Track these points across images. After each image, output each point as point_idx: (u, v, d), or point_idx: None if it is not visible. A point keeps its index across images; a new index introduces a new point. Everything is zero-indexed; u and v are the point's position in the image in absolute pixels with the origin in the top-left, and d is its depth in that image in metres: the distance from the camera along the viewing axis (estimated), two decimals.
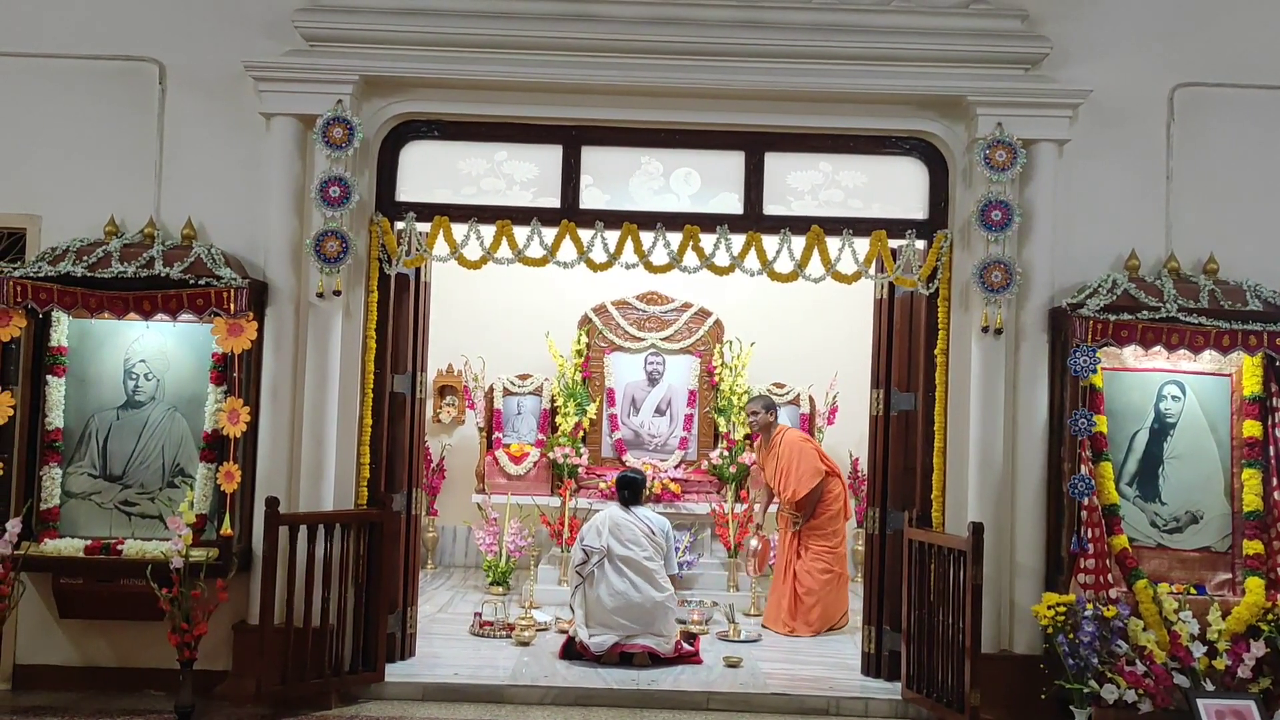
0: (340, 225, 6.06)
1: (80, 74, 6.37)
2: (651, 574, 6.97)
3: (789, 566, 7.98)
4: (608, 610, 6.84)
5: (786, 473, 7.99)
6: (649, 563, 6.99)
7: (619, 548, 6.99)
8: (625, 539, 7.03)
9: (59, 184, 6.34)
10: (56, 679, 6.22)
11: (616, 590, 6.87)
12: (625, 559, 6.96)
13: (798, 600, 7.86)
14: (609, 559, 6.96)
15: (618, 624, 6.82)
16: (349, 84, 6.13)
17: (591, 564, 6.97)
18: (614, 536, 7.03)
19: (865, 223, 6.38)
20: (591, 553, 7.00)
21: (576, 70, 6.22)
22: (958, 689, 5.73)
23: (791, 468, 7.96)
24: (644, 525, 7.13)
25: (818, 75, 6.25)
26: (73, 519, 6.17)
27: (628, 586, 6.89)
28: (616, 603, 6.84)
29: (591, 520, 7.32)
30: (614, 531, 7.05)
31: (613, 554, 6.97)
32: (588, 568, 6.98)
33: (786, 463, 8.01)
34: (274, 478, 6.08)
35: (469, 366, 10.04)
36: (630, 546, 7.00)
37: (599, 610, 6.87)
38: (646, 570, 6.96)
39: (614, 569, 6.94)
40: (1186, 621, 5.69)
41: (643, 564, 6.96)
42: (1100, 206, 6.32)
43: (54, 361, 6.16)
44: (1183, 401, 6.22)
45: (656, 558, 7.06)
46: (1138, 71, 6.35)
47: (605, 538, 7.03)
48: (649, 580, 6.95)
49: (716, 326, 9.80)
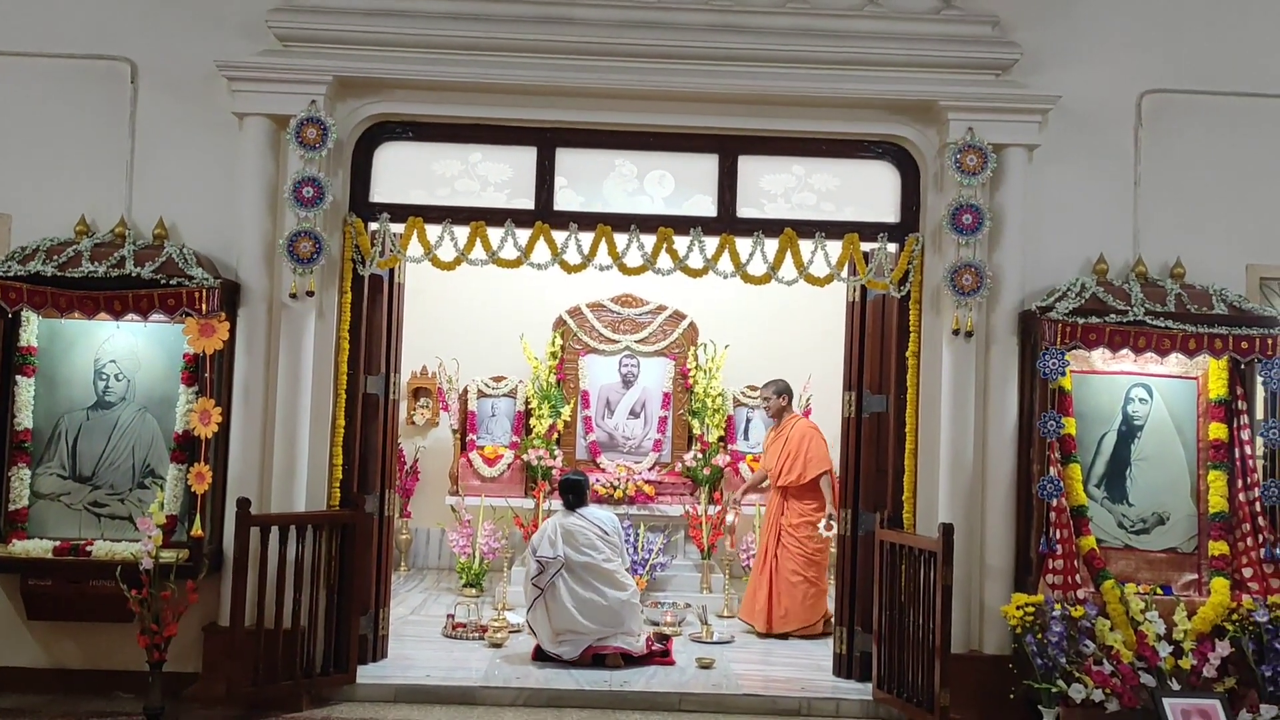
0: (314, 226, 6.04)
1: (52, 72, 6.33)
2: (612, 575, 6.95)
3: (768, 558, 7.94)
4: (576, 618, 6.79)
5: (794, 456, 7.93)
6: (608, 564, 6.97)
7: (576, 555, 6.93)
8: (580, 545, 6.97)
9: (29, 183, 6.30)
10: (24, 681, 6.16)
11: (583, 598, 6.82)
12: (585, 565, 6.91)
13: (772, 597, 7.86)
14: (568, 569, 6.90)
15: (588, 629, 6.79)
16: (323, 84, 6.12)
17: (550, 574, 6.88)
18: (568, 545, 6.96)
19: (838, 226, 6.41)
20: (548, 564, 6.91)
21: (551, 72, 6.23)
22: (928, 689, 5.78)
23: (800, 452, 7.91)
24: (596, 528, 7.07)
25: (791, 79, 6.29)
26: (41, 520, 6.12)
27: (593, 594, 6.84)
28: (585, 610, 6.80)
29: (541, 530, 7.19)
30: (567, 540, 6.97)
31: (571, 563, 6.90)
32: (545, 578, 6.88)
33: (795, 447, 7.95)
34: (246, 479, 6.06)
35: (443, 368, 10.03)
36: (587, 552, 6.95)
37: (566, 619, 6.80)
38: (606, 573, 6.94)
39: (576, 579, 6.87)
40: (1153, 621, 5.75)
41: (602, 567, 6.94)
42: (1069, 211, 6.40)
43: (23, 361, 6.12)
44: (1150, 404, 6.30)
45: (614, 558, 7.04)
46: (1107, 78, 6.42)
47: (560, 547, 6.94)
48: (611, 583, 6.93)
49: (691, 329, 9.83)
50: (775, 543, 7.97)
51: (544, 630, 6.90)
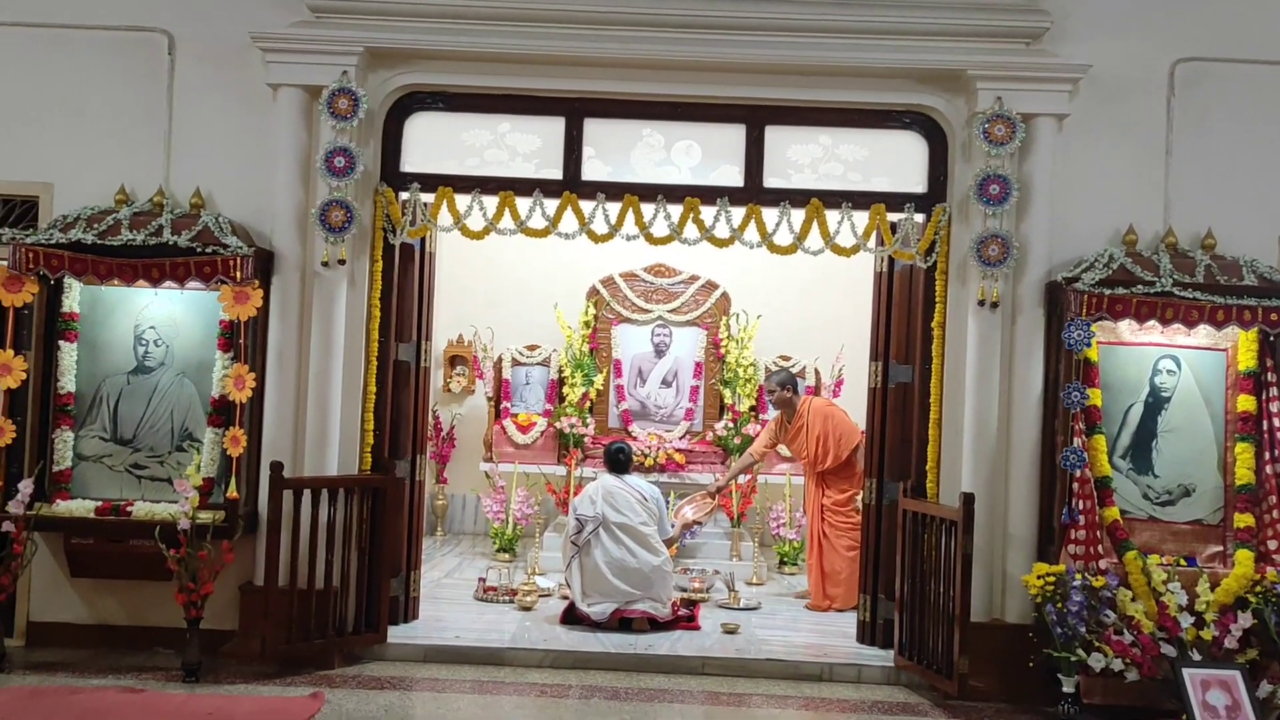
0: (345, 195, 6.15)
1: (92, 44, 6.47)
2: (647, 539, 7.09)
3: (817, 541, 7.91)
4: (606, 577, 6.95)
5: (824, 438, 7.83)
6: (644, 528, 7.11)
7: (614, 515, 7.11)
8: (620, 506, 7.15)
9: (71, 153, 6.46)
10: (68, 636, 6.39)
11: (614, 557, 6.99)
12: (621, 525, 7.08)
13: (825, 577, 7.83)
14: (605, 527, 7.07)
15: (618, 589, 6.93)
16: (354, 55, 6.20)
17: (587, 532, 7.07)
18: (608, 504, 7.15)
19: (864, 196, 6.42)
20: (586, 521, 7.11)
21: (579, 43, 6.27)
22: (948, 656, 5.84)
23: (827, 432, 7.83)
24: (636, 493, 7.25)
25: (819, 49, 6.28)
26: (84, 481, 6.32)
27: (624, 553, 7.00)
28: (615, 569, 6.96)
29: (584, 490, 7.44)
30: (608, 499, 7.17)
31: (608, 521, 7.08)
32: (583, 536, 7.08)
33: (821, 429, 7.86)
34: (279, 443, 6.21)
35: (478, 337, 10.15)
36: (625, 513, 7.12)
37: (597, 578, 6.98)
38: (642, 536, 7.08)
39: (610, 536, 7.05)
40: (1175, 592, 5.75)
41: (638, 529, 7.09)
42: (1099, 181, 6.35)
43: (66, 327, 6.30)
44: (1178, 376, 6.26)
45: (650, 523, 7.17)
46: (1138, 47, 6.35)
47: (600, 505, 7.14)
48: (645, 546, 7.06)
49: (723, 299, 9.87)
50: (821, 524, 7.91)
51: (577, 588, 7.06)
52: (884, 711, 5.84)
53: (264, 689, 5.77)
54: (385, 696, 5.72)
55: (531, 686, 6.00)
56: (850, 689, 6.20)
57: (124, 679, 5.83)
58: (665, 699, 5.88)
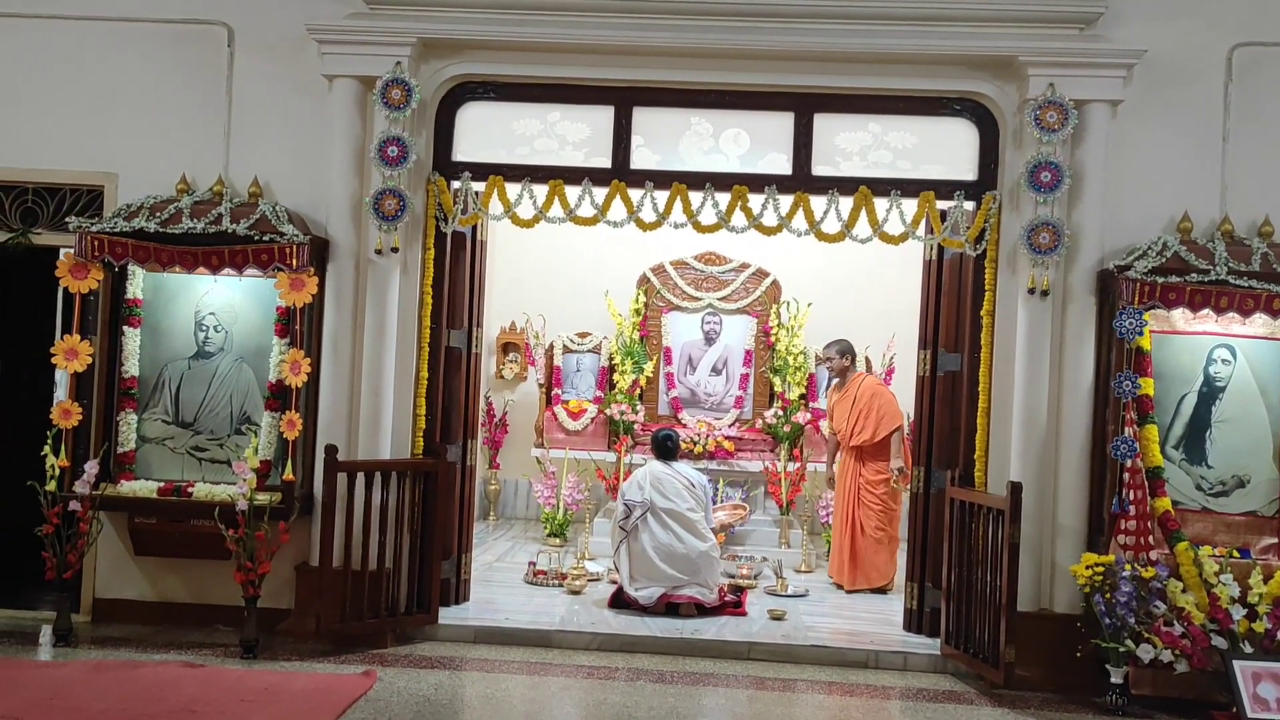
0: (398, 184, 6.26)
1: (154, 37, 6.65)
2: (694, 525, 7.15)
3: (851, 518, 7.99)
4: (654, 562, 7.02)
5: (866, 414, 7.92)
6: (691, 514, 7.17)
7: (662, 500, 7.17)
8: (667, 492, 7.22)
9: (135, 143, 6.64)
10: (132, 612, 6.60)
11: (661, 542, 7.06)
12: (669, 511, 7.14)
13: (855, 556, 7.94)
14: (653, 512, 7.14)
15: (665, 574, 7.00)
16: (407, 46, 6.30)
17: (635, 517, 7.15)
18: (656, 490, 7.22)
19: (913, 184, 6.41)
20: (634, 506, 7.18)
21: (628, 32, 6.32)
22: (994, 645, 5.83)
23: (872, 410, 7.91)
24: (683, 479, 7.31)
25: (868, 36, 6.27)
26: (147, 462, 6.52)
27: (672, 538, 7.07)
28: (662, 554, 7.03)
29: (632, 476, 7.52)
30: (655, 485, 7.24)
31: (656, 507, 7.15)
32: (631, 521, 7.16)
33: (865, 405, 7.94)
34: (334, 426, 6.35)
35: (530, 324, 10.26)
36: (673, 499, 7.19)
37: (644, 563, 7.06)
38: (689, 521, 7.14)
39: (658, 522, 7.12)
40: (1227, 584, 5.68)
41: (685, 515, 7.15)
42: (1153, 168, 6.28)
43: (130, 313, 6.49)
44: (1233, 365, 6.17)
45: (698, 509, 7.23)
46: (1195, 31, 6.26)
47: (648, 491, 7.21)
48: (692, 531, 7.12)
49: (774, 287, 9.87)
50: (855, 503, 7.98)
51: (625, 572, 7.15)
52: (930, 699, 5.84)
53: (318, 666, 5.91)
54: (436, 675, 5.84)
55: (579, 668, 6.08)
56: (896, 676, 6.21)
57: (185, 654, 6.01)
58: (711, 683, 5.94)
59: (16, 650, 6.06)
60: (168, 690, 5.36)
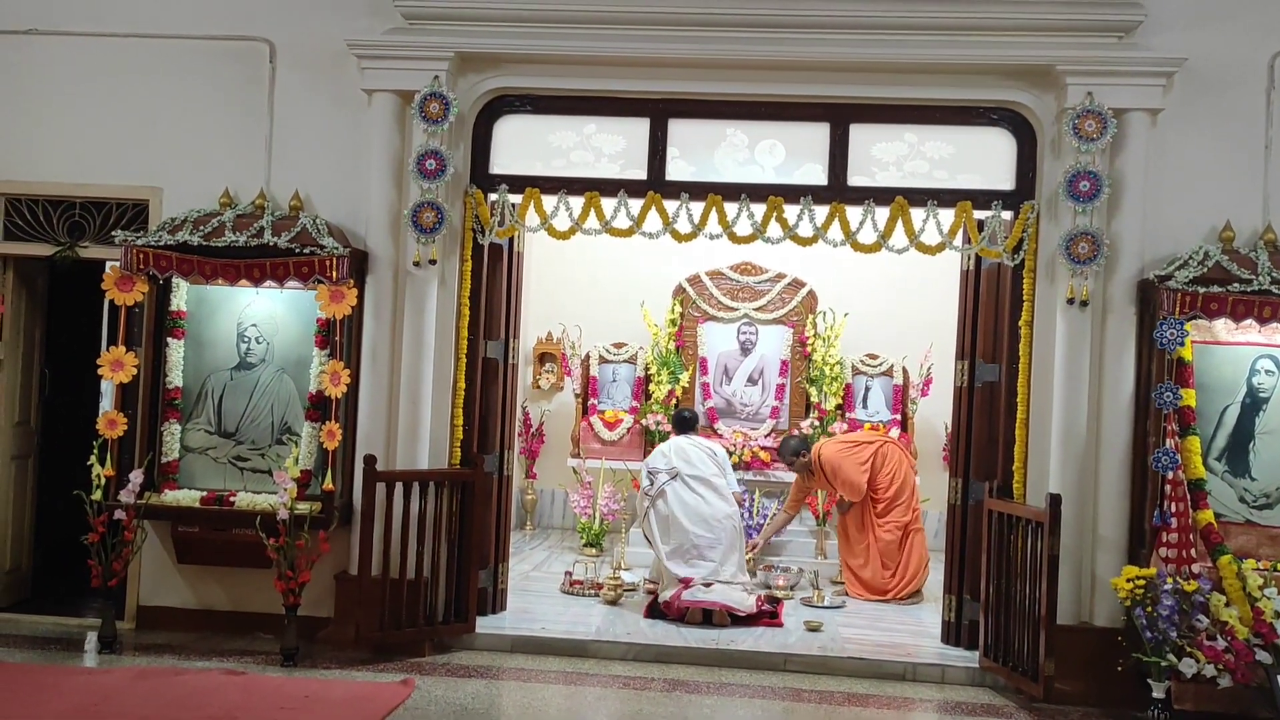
0: (436, 197, 6.32)
1: (198, 54, 6.76)
2: (719, 489, 7.48)
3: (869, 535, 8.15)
4: (682, 524, 7.24)
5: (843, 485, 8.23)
6: (715, 479, 7.50)
7: (686, 467, 7.49)
8: (691, 459, 7.57)
9: (178, 158, 6.75)
10: (175, 620, 6.69)
11: (688, 504, 7.32)
12: (694, 476, 7.45)
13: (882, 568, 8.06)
14: (679, 477, 7.40)
15: (694, 537, 7.19)
16: (445, 60, 6.37)
17: (660, 483, 7.40)
18: (680, 458, 7.52)
19: (950, 194, 6.38)
20: (658, 473, 7.46)
21: (663, 44, 6.35)
22: (1034, 659, 5.78)
23: (836, 483, 8.24)
24: (705, 448, 7.69)
25: (904, 46, 6.26)
26: (190, 472, 6.61)
27: (698, 500, 7.36)
28: (691, 516, 7.27)
29: (655, 450, 7.84)
30: (680, 454, 7.56)
31: (681, 473, 7.43)
32: (656, 486, 7.41)
33: (831, 478, 8.26)
34: (373, 437, 6.41)
35: (567, 335, 10.30)
36: (697, 465, 7.54)
37: (673, 528, 7.27)
38: (714, 485, 7.47)
39: (684, 485, 7.41)
40: (1271, 598, 5.61)
41: (710, 480, 7.49)
42: (1194, 177, 6.21)
43: (173, 325, 6.59)
44: (1277, 376, 6.09)
45: (721, 475, 7.52)
46: (1235, 38, 6.20)
47: (673, 459, 7.50)
48: (718, 494, 7.45)
49: (810, 297, 9.85)
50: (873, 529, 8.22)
51: (660, 549, 7.34)
52: (968, 713, 5.80)
53: (357, 674, 5.97)
54: (473, 684, 5.88)
55: (615, 678, 6.10)
56: (934, 689, 6.17)
57: (226, 662, 6.09)
58: (746, 694, 5.93)
59: (64, 656, 6.16)
60: (209, 697, 5.43)
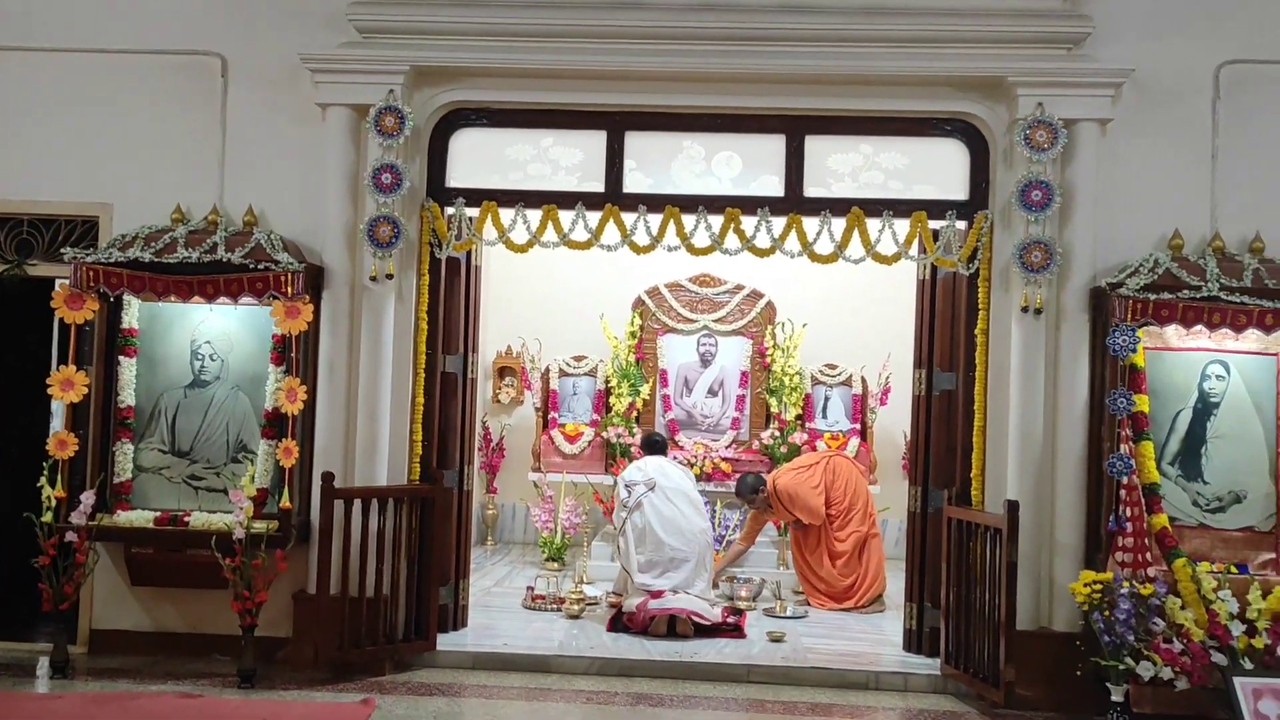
0: (392, 211, 6.28)
1: (148, 68, 6.68)
2: (696, 503, 7.49)
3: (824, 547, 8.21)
4: (657, 534, 7.21)
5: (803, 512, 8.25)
6: (693, 493, 7.55)
7: (664, 479, 7.47)
8: (669, 473, 7.58)
9: (130, 174, 6.66)
10: (129, 643, 6.57)
11: (665, 515, 7.29)
12: (673, 488, 7.44)
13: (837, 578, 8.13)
14: (657, 489, 7.38)
15: (669, 550, 7.15)
16: (400, 74, 6.34)
17: (638, 494, 7.36)
18: (658, 472, 7.52)
19: (906, 204, 6.44)
20: (635, 485, 7.42)
21: (620, 57, 6.36)
22: (994, 664, 5.82)
23: (795, 509, 8.26)
24: (679, 467, 7.84)
25: (858, 58, 6.31)
26: (144, 492, 6.50)
27: (675, 512, 7.33)
28: (667, 527, 7.25)
29: (630, 465, 7.85)
30: (657, 468, 7.58)
31: (658, 485, 7.40)
32: (633, 498, 7.36)
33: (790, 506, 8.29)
34: (330, 454, 6.34)
35: (526, 348, 10.27)
36: (675, 479, 7.55)
37: (649, 539, 7.23)
38: (691, 499, 7.49)
39: (663, 497, 7.38)
40: (1225, 600, 5.68)
41: (688, 493, 7.51)
42: (1144, 186, 6.31)
43: (125, 343, 6.49)
44: (1227, 381, 6.19)
45: (693, 491, 7.55)
46: (1183, 49, 6.31)
47: (650, 472, 7.49)
48: (695, 508, 7.45)
49: (769, 308, 9.89)
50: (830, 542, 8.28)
51: (632, 561, 7.26)
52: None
53: (317, 695, 5.89)
54: (435, 703, 5.82)
55: (578, 694, 6.06)
56: (897, 697, 6.19)
57: (182, 685, 5.98)
58: (710, 706, 5.92)
59: (14, 683, 6.03)
60: None
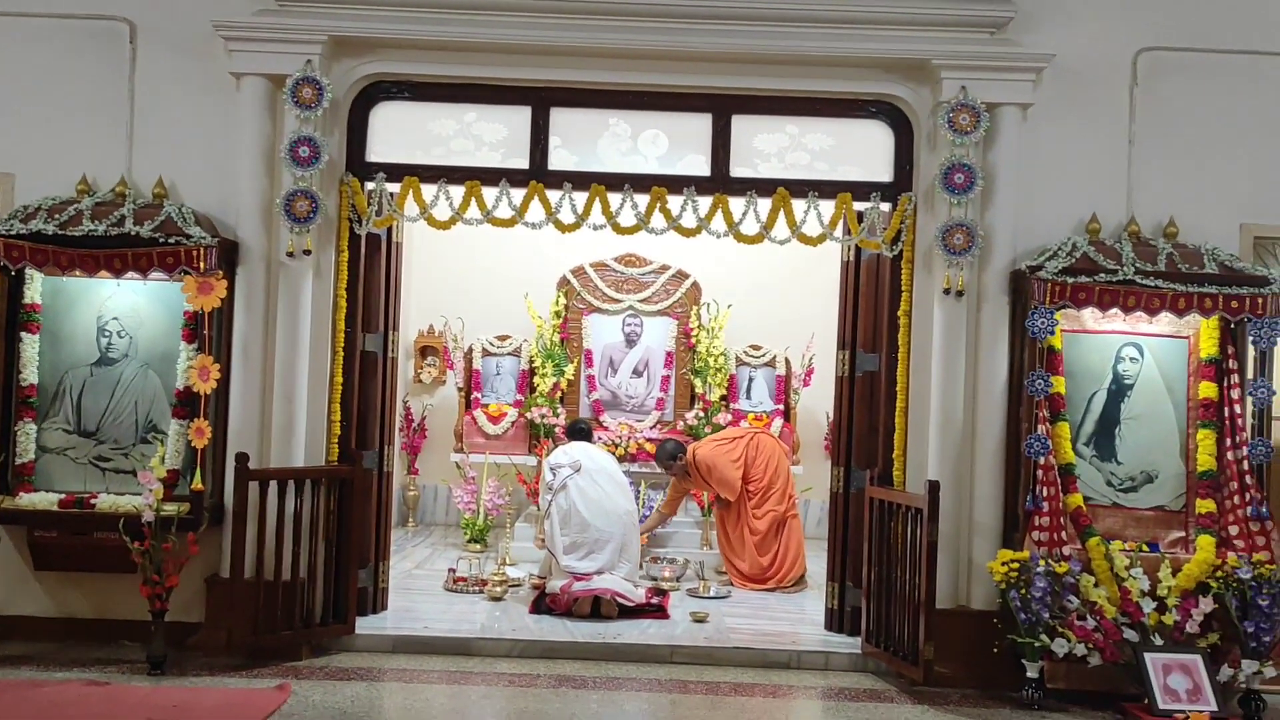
0: (310, 185, 6.11)
1: (53, 32, 6.40)
2: (622, 485, 7.52)
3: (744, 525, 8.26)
4: (583, 516, 7.19)
5: (719, 484, 8.33)
6: (618, 475, 7.58)
7: (589, 461, 7.48)
8: (594, 455, 7.62)
9: (32, 142, 6.38)
10: (33, 630, 6.33)
11: (592, 497, 7.27)
12: (597, 470, 7.43)
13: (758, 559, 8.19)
14: (583, 470, 7.35)
15: (596, 532, 7.13)
16: (318, 44, 6.16)
17: (563, 477, 7.31)
18: (584, 455, 7.50)
19: (831, 185, 6.44)
20: (559, 468, 7.37)
21: (545, 31, 6.25)
22: (914, 643, 5.87)
23: (712, 482, 8.35)
24: (602, 452, 7.87)
25: (785, 38, 6.28)
26: (47, 473, 6.26)
27: (601, 494, 7.33)
28: (593, 509, 7.23)
29: (558, 448, 7.79)
30: (583, 451, 7.55)
31: (585, 468, 7.39)
32: (559, 479, 7.31)
33: (707, 477, 8.37)
34: (245, 434, 6.17)
35: (449, 327, 10.13)
36: (599, 461, 7.58)
37: (575, 520, 7.19)
38: (617, 481, 7.51)
39: (589, 479, 7.36)
40: (1137, 578, 5.81)
41: (613, 475, 7.53)
42: (1063, 170, 6.39)
43: (28, 319, 6.23)
44: (1140, 363, 6.31)
45: (619, 474, 7.56)
46: (1102, 36, 6.39)
47: (574, 455, 7.46)
48: (621, 490, 7.47)
49: (694, 289, 9.87)
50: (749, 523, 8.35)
51: (557, 541, 7.21)
52: (851, 698, 5.87)
53: (230, 681, 5.74)
54: (353, 687, 5.71)
55: (500, 676, 6.00)
56: (818, 676, 6.23)
57: (89, 672, 5.79)
58: (634, 687, 5.90)
59: None
60: (71, 710, 5.17)
